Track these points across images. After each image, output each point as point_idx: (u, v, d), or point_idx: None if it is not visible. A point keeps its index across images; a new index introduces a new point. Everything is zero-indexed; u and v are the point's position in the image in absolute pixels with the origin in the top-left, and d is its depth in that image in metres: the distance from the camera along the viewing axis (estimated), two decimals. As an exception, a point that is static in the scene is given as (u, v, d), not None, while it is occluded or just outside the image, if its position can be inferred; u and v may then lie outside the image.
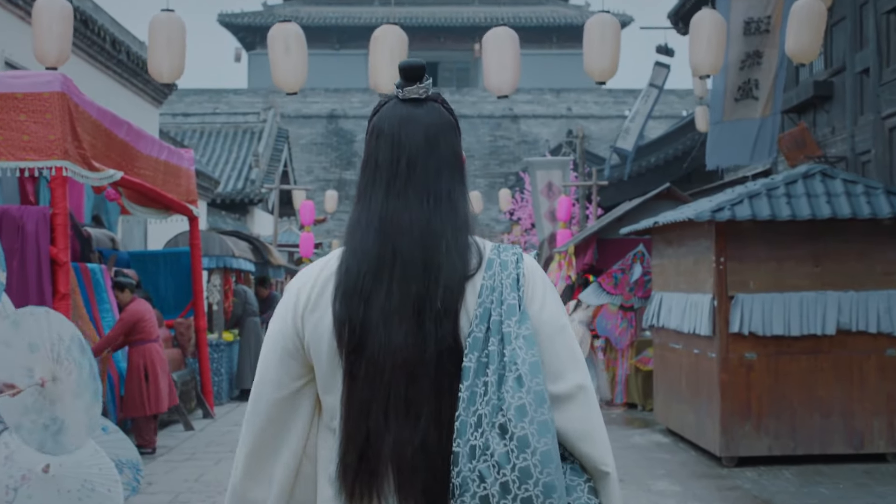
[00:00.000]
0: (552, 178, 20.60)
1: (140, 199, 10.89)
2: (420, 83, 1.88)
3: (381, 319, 1.75)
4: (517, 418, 1.65)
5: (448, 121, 1.90)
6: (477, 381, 1.70)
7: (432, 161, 1.84)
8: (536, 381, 1.69)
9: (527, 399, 1.67)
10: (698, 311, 9.23)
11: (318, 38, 48.97)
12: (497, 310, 1.75)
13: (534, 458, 1.64)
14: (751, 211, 8.64)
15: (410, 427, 1.72)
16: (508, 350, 1.71)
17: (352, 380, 1.76)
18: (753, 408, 8.82)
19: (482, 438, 1.66)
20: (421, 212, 1.80)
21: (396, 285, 1.76)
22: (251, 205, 24.51)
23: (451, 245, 1.79)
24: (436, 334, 1.74)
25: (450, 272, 1.77)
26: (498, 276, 1.80)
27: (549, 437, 1.66)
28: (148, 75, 14.76)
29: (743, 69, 12.07)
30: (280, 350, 1.85)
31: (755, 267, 8.85)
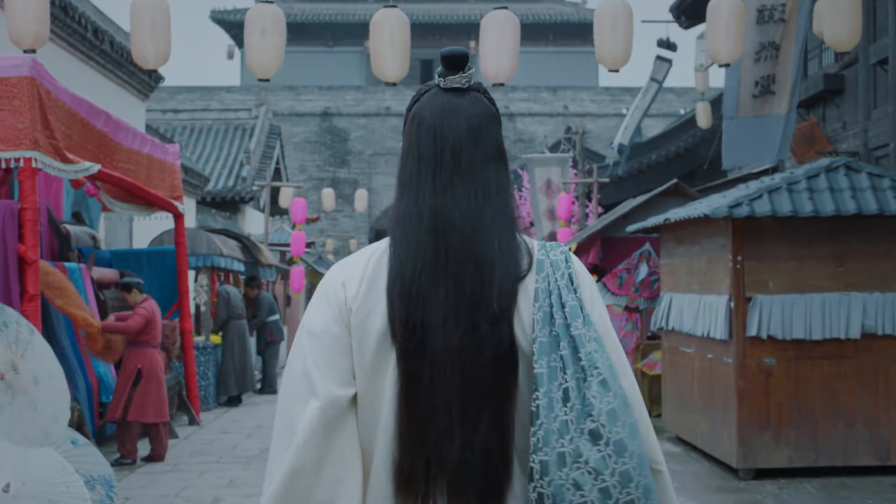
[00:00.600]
0: (551, 176, 20.06)
1: (121, 195, 10.31)
2: (463, 72, 1.82)
3: (440, 319, 1.70)
4: (610, 423, 1.63)
5: (490, 111, 1.85)
6: (552, 387, 1.67)
7: (477, 153, 1.79)
8: (618, 385, 1.67)
9: (615, 403, 1.65)
10: (713, 314, 8.69)
11: (311, 35, 48.54)
12: (559, 312, 1.71)
13: (632, 462, 1.62)
14: (770, 206, 8.10)
15: (470, 432, 1.68)
16: (584, 353, 1.68)
17: (409, 380, 1.70)
18: (772, 416, 8.28)
19: (571, 445, 1.63)
20: (470, 207, 1.75)
21: (451, 284, 1.71)
22: (242, 203, 23.92)
23: (504, 244, 1.74)
24: (492, 337, 1.69)
25: (503, 273, 1.72)
26: (551, 277, 1.75)
27: (639, 440, 1.65)
28: (133, 67, 14.20)
29: (758, 61, 11.52)
30: (341, 344, 1.76)
31: (774, 266, 8.31)
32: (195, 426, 11.57)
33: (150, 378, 9.20)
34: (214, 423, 12.02)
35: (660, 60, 19.74)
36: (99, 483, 6.42)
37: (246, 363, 13.80)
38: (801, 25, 10.94)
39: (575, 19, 47.69)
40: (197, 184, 19.15)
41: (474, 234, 1.74)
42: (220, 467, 8.96)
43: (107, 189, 9.99)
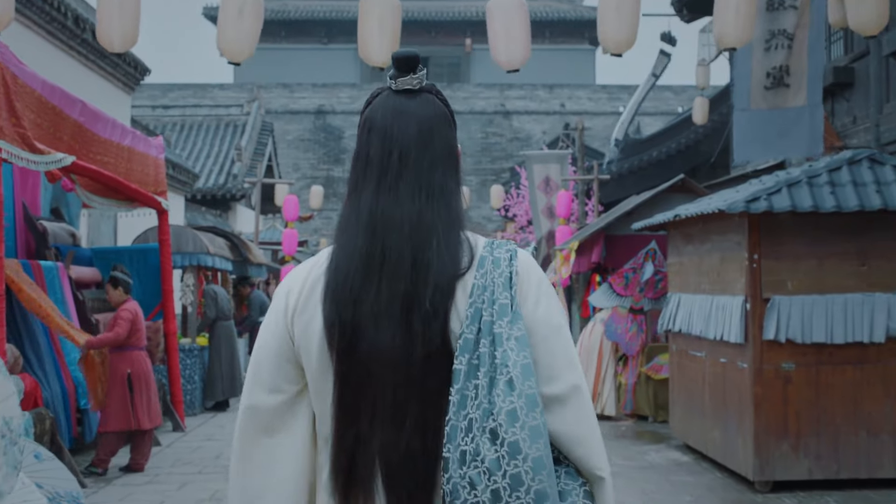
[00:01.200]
0: (550, 173, 19.53)
1: (99, 189, 9.76)
2: (414, 73, 1.82)
3: (370, 320, 1.70)
4: (508, 423, 1.61)
5: (443, 113, 1.84)
6: (468, 384, 1.66)
7: (426, 155, 1.79)
8: (528, 385, 1.64)
9: (518, 403, 1.62)
10: (726, 316, 8.17)
11: (306, 33, 48.04)
12: (488, 310, 1.70)
13: (525, 465, 1.59)
14: (790, 201, 7.58)
15: (397, 431, 1.68)
16: (500, 352, 1.66)
17: (342, 382, 1.72)
18: (791, 425, 7.77)
19: (473, 444, 1.62)
20: (412, 207, 1.74)
21: (385, 284, 1.71)
22: (233, 201, 23.35)
23: (443, 242, 1.73)
24: (423, 336, 1.69)
25: (440, 271, 1.71)
26: (490, 274, 1.73)
27: (541, 443, 1.61)
28: (118, 58, 13.65)
29: (769, 51, 11.02)
30: (274, 353, 1.79)
31: (793, 265, 7.79)
32: (179, 433, 11.03)
33: (141, 382, 8.69)
34: (200, 429, 11.48)
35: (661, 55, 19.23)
36: (65, 500, 5.90)
37: (234, 366, 13.27)
38: (816, 13, 10.43)
39: (572, 16, 47.21)
40: (186, 181, 18.59)
41: (413, 233, 1.72)
42: (202, 478, 8.43)
43: (84, 183, 9.43)
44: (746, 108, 11.50)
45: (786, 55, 11.04)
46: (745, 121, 11.50)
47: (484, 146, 43.79)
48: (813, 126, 10.92)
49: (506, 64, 7.70)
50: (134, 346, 8.77)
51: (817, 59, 11.09)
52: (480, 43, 47.85)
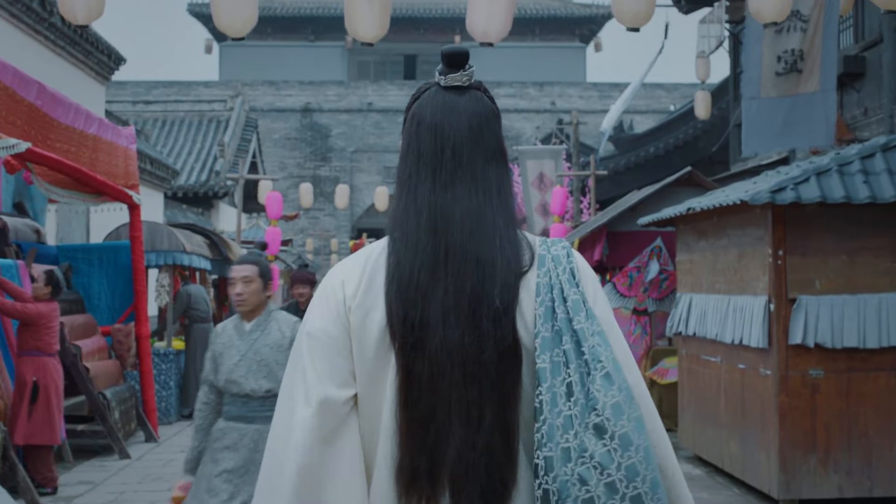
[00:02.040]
0: (544, 169, 18.79)
1: (62, 181, 8.99)
2: (464, 70, 1.82)
3: (439, 317, 1.69)
4: (615, 417, 1.60)
5: (491, 110, 1.84)
6: (555, 382, 1.65)
7: (478, 151, 1.79)
8: (622, 378, 1.64)
9: (620, 396, 1.61)
10: (746, 318, 7.47)
11: (292, 29, 47.26)
12: (561, 307, 1.70)
13: (638, 455, 1.59)
14: (819, 191, 6.88)
15: (473, 430, 1.65)
16: (587, 347, 1.66)
17: (409, 379, 1.68)
18: (819, 438, 7.07)
19: (576, 440, 1.61)
20: (470, 204, 1.74)
21: (451, 282, 1.70)
22: (215, 198, 22.55)
23: (505, 240, 1.73)
24: (495, 334, 1.67)
25: (505, 269, 1.70)
26: (553, 271, 1.73)
27: (646, 434, 1.61)
28: (90, 45, 12.88)
29: (781, 32, 10.33)
30: (339, 345, 1.74)
31: (822, 262, 7.09)
32: (152, 443, 10.27)
33: (48, 392, 7.81)
34: (174, 439, 10.72)
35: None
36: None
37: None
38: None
39: (562, 13, 46.53)
40: (165, 176, 17.80)
41: (475, 231, 1.72)
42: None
43: (43, 173, 8.65)
44: (756, 97, 10.82)
45: (800, 38, 10.35)
46: (755, 110, 10.83)
47: (473, 145, 43.01)
48: (826, 114, 10.26)
49: (481, 35, 6.96)
50: (42, 352, 7.85)
51: (831, 42, 10.42)
52: (469, 40, 47.19)
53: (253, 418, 4.43)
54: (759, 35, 10.59)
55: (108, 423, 9.34)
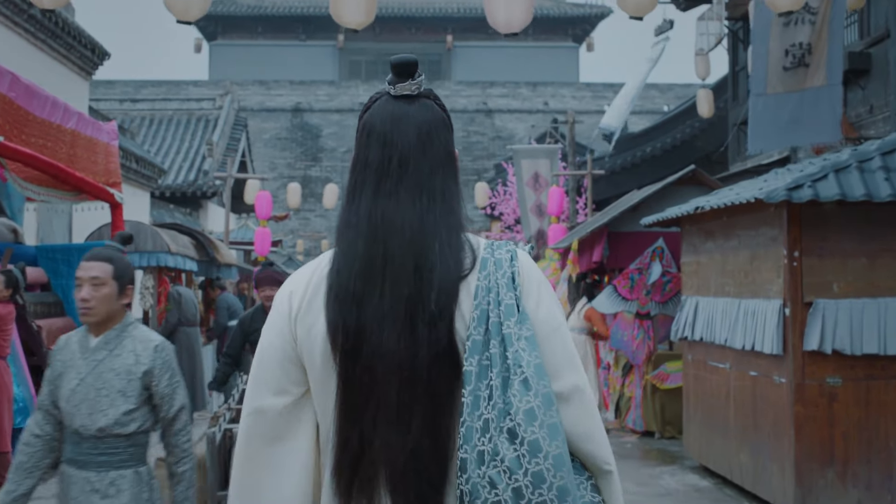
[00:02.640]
0: (539, 169, 18.41)
1: (38, 178, 8.53)
2: (412, 79, 1.83)
3: (374, 323, 1.72)
4: (527, 422, 1.62)
5: (441, 118, 1.86)
6: (480, 385, 1.67)
7: (425, 160, 1.80)
8: (543, 384, 1.66)
9: (535, 402, 1.64)
10: (759, 322, 7.09)
11: (282, 29, 46.88)
12: (495, 311, 1.72)
13: (546, 462, 1.61)
14: (838, 189, 6.50)
15: (403, 432, 1.68)
16: (511, 352, 1.68)
17: (346, 384, 1.73)
18: (837, 450, 6.69)
19: (490, 444, 1.63)
20: (413, 211, 1.76)
21: (388, 287, 1.73)
22: (204, 198, 22.10)
23: (445, 245, 1.75)
24: (429, 337, 1.70)
25: (443, 273, 1.73)
26: (493, 275, 1.76)
27: (559, 440, 1.63)
28: (72, 38, 12.46)
29: (789, 25, 9.96)
30: (280, 356, 1.80)
31: (840, 264, 6.72)
32: (134, 452, 9.83)
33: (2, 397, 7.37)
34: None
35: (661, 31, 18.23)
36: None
37: (196, 376, 12.05)
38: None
39: (555, 13, 46.21)
40: (151, 175, 17.35)
41: (415, 237, 1.74)
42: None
43: (17, 169, 8.20)
44: (762, 93, 10.46)
45: (808, 32, 9.99)
46: (761, 107, 10.46)
47: (465, 145, 42.74)
48: (833, 108, 9.90)
49: (504, 26, 6.64)
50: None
51: (838, 35, 10.07)
52: (462, 40, 46.85)
53: (84, 463, 3.50)
54: (766, 30, 10.23)
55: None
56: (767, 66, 10.19)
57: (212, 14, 46.32)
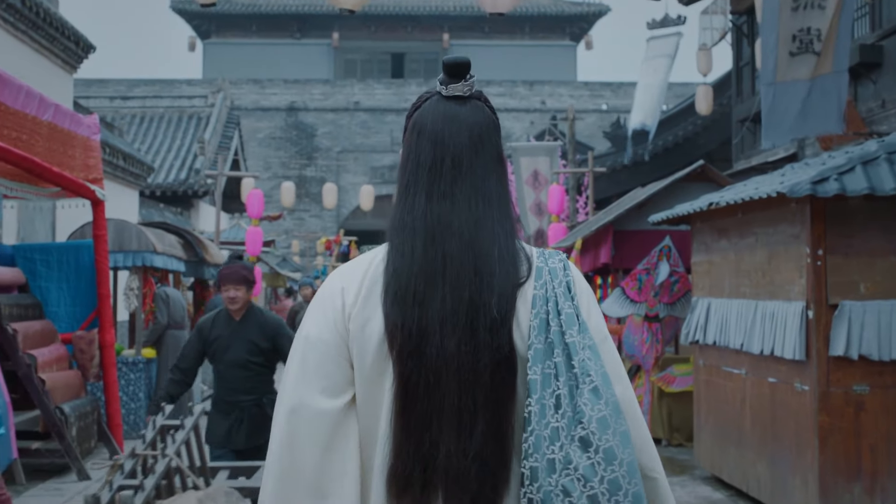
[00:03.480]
0: (538, 166, 17.96)
1: (12, 172, 8.07)
2: (465, 80, 1.84)
3: (436, 325, 1.70)
4: (600, 430, 1.62)
5: (492, 120, 1.86)
6: (545, 393, 1.67)
7: (478, 161, 1.81)
8: (611, 392, 1.67)
9: (606, 411, 1.64)
10: (779, 326, 6.64)
11: (277, 27, 46.42)
12: (555, 320, 1.72)
13: (621, 470, 1.61)
14: (867, 182, 6.05)
15: (465, 438, 1.67)
16: (577, 361, 1.69)
17: (406, 387, 1.69)
18: (865, 462, 6.24)
19: (562, 452, 1.63)
20: (470, 214, 1.75)
21: (449, 290, 1.72)
22: (195, 197, 21.62)
23: (504, 250, 1.75)
24: (491, 343, 1.69)
25: (503, 279, 1.73)
26: (549, 284, 1.76)
27: (631, 448, 1.63)
28: (54, 30, 12.00)
29: (798, 10, 9.51)
30: (335, 352, 1.76)
31: (868, 263, 6.26)
32: (117, 461, 9.36)
33: None
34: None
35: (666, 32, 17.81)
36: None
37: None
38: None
39: (552, 11, 45.75)
40: (140, 173, 16.87)
41: (473, 240, 1.74)
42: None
43: (-13, 163, 7.74)
44: (772, 83, 9.99)
45: (818, 16, 9.53)
46: (772, 97, 9.99)
47: (462, 144, 42.24)
48: (839, 97, 9.47)
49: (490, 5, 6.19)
50: None
51: (848, 22, 9.63)
52: (458, 38, 46.37)
53: None
54: (775, 16, 9.78)
55: (65, 441, 8.44)
56: (777, 54, 9.74)
57: (206, 12, 45.85)
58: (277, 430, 1.75)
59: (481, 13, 48.73)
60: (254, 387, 5.50)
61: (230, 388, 5.50)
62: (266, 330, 5.52)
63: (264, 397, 5.53)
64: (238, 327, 5.53)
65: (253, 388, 5.50)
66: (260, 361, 5.52)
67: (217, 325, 5.58)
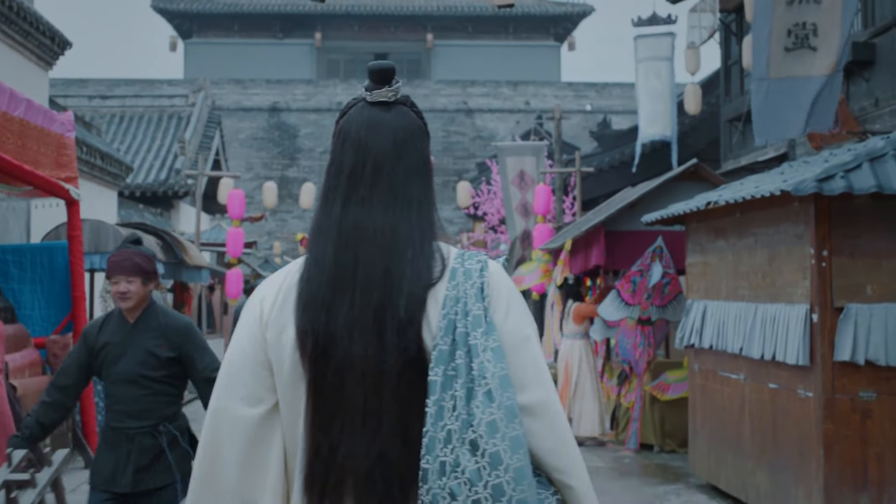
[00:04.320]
0: (525, 166, 17.68)
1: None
2: (389, 86, 1.84)
3: (344, 329, 1.71)
4: (488, 434, 1.61)
5: (417, 125, 1.86)
6: (444, 396, 1.66)
7: (400, 166, 1.80)
8: (507, 396, 1.65)
9: (498, 414, 1.62)
10: (780, 330, 6.39)
11: (259, 27, 46.08)
12: (462, 321, 1.71)
13: (507, 476, 1.59)
14: (875, 180, 5.80)
15: (369, 439, 1.68)
16: (476, 363, 1.67)
17: (315, 391, 1.72)
18: (871, 472, 6.00)
19: (452, 455, 1.62)
20: (386, 219, 1.77)
21: (358, 294, 1.73)
22: (175, 198, 21.26)
23: (418, 253, 1.75)
24: (398, 345, 1.69)
25: (413, 281, 1.72)
26: (462, 285, 1.74)
27: (521, 454, 1.62)
28: (28, 25, 11.66)
29: (792, 4, 9.28)
30: (252, 362, 1.79)
31: (874, 264, 6.02)
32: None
33: None
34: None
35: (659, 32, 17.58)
36: None
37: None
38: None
39: (536, 11, 45.56)
40: (118, 173, 16.51)
41: (387, 244, 1.74)
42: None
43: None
44: (765, 78, 9.75)
45: (814, 10, 9.31)
46: (764, 93, 9.75)
47: (445, 145, 42.07)
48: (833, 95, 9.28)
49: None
50: None
51: (849, 19, 9.41)
52: (442, 38, 46.13)
53: None
54: (768, 9, 9.55)
55: (37, 450, 8.10)
56: (770, 48, 9.51)
57: (187, 12, 45.48)
58: (203, 432, 1.79)
59: (465, 13, 48.52)
60: (147, 409, 4.13)
61: (118, 412, 4.17)
62: (169, 335, 4.17)
63: (161, 424, 4.16)
64: (132, 332, 4.17)
65: (145, 411, 4.13)
66: (158, 376, 4.15)
67: (106, 330, 4.24)
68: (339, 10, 44.77)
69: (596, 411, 10.51)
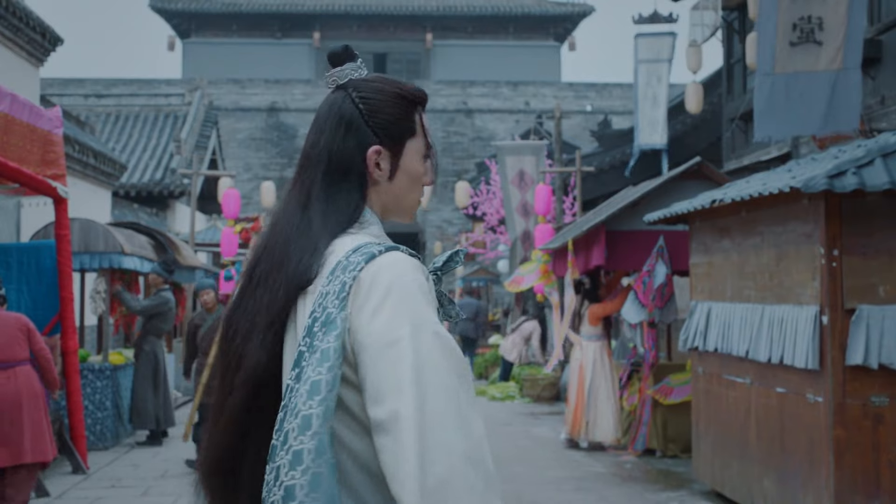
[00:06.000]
0: (524, 166, 17.46)
1: (-37, 167, 7.53)
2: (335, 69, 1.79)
3: (238, 330, 1.69)
4: (291, 466, 1.54)
5: (336, 112, 1.74)
6: (287, 402, 1.58)
7: (315, 155, 1.74)
8: (309, 405, 1.53)
9: (294, 423, 1.54)
10: (788, 332, 6.16)
11: (257, 26, 45.83)
12: (319, 320, 1.59)
13: (303, 478, 1.51)
14: (888, 176, 5.58)
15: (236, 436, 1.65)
16: (304, 364, 1.58)
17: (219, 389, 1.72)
18: (884, 479, 5.78)
19: (286, 458, 1.55)
20: (291, 213, 1.71)
21: (259, 293, 1.69)
22: (171, 198, 21.00)
23: (306, 246, 1.67)
24: (261, 344, 1.65)
25: (290, 278, 1.65)
26: (335, 281, 1.60)
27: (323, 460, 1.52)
28: (18, 20, 11.44)
29: None
30: None
31: (887, 264, 5.80)
32: (80, 475, 8.82)
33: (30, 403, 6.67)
34: (108, 468, 9.28)
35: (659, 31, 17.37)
36: None
37: (168, 388, 11.05)
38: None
39: (536, 11, 45.34)
40: (112, 172, 16.26)
41: (287, 241, 1.69)
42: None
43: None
44: (770, 73, 9.53)
45: (820, 4, 9.09)
46: (768, 88, 9.53)
47: (445, 146, 41.87)
48: (849, 95, 9.04)
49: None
50: (10, 362, 6.71)
51: (858, 14, 9.19)
52: (441, 38, 45.90)
53: None
54: (774, 3, 9.33)
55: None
56: (775, 43, 9.29)
57: (185, 11, 45.25)
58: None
59: (464, 13, 48.30)
60: None
61: None
62: None
63: None
64: None
65: None
66: None
67: None
68: (337, 9, 44.59)
69: (611, 416, 10.24)
